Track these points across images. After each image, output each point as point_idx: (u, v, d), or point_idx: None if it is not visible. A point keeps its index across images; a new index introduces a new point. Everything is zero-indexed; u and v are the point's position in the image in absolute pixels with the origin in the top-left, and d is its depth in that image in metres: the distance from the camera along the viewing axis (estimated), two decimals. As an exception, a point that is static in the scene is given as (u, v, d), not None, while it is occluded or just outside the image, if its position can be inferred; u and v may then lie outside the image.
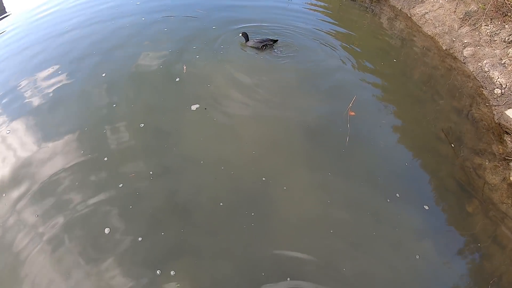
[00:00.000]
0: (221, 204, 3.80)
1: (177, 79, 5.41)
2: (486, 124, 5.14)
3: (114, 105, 4.97)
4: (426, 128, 4.94)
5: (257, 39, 6.24)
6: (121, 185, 3.95)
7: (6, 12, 8.60)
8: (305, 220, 3.71)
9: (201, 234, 3.56)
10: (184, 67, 5.64)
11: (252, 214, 3.70)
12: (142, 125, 4.68)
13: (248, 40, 6.25)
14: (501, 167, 4.50)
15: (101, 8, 7.71)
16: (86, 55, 6.06)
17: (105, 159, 4.24)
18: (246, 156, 4.31)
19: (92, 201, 3.82)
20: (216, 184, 3.99)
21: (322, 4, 8.59)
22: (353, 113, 4.92)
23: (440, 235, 3.67)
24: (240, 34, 6.21)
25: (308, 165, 4.24)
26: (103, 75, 5.52)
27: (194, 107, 4.88)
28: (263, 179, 4.00)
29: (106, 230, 3.57)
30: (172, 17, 7.26)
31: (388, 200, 3.87)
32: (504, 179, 4.36)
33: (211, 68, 5.69)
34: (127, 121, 4.72)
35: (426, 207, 3.88)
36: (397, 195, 3.95)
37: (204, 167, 4.16)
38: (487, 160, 4.56)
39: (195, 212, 3.73)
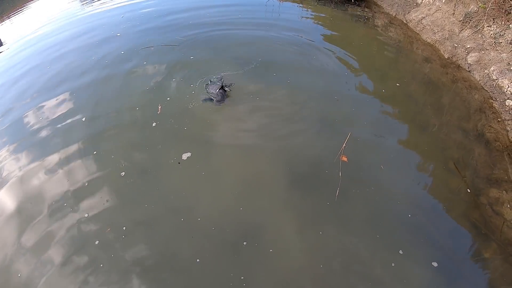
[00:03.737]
0: (197, 260, 3.56)
1: (154, 124, 5.16)
2: (500, 144, 4.72)
3: (95, 152, 4.81)
4: (433, 160, 4.52)
5: (217, 91, 5.42)
6: (97, 242, 3.80)
7: (2, 44, 8.93)
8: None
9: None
10: (159, 108, 5.42)
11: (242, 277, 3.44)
12: (123, 173, 4.50)
13: (212, 97, 5.45)
14: (521, 197, 4.11)
15: (82, 45, 7.66)
16: (66, 96, 5.97)
17: (86, 215, 4.09)
18: (229, 212, 4.02)
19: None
20: (193, 242, 3.75)
21: (312, 18, 8.25)
22: (345, 159, 4.48)
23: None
24: (203, 101, 5.46)
25: (296, 223, 3.88)
26: (83, 119, 5.37)
27: (185, 156, 4.65)
28: (244, 243, 3.69)
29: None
30: (152, 48, 7.10)
31: (392, 264, 3.50)
32: (525, 211, 3.98)
33: (186, 108, 5.42)
34: (108, 171, 4.58)
35: (435, 264, 3.49)
36: (400, 251, 3.59)
37: (184, 224, 3.93)
38: (504, 191, 4.16)
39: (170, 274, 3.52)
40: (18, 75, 6.83)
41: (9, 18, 11.07)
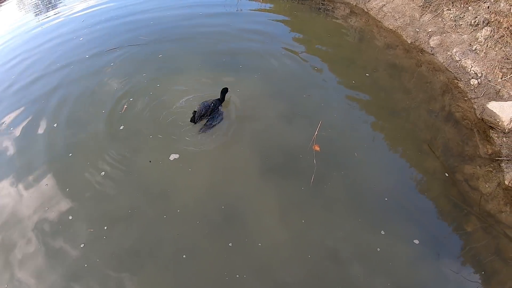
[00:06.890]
0: (184, 256, 3.42)
1: (121, 127, 4.89)
2: (469, 122, 4.81)
3: (70, 154, 4.57)
4: (407, 144, 4.51)
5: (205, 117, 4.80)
6: (82, 245, 3.59)
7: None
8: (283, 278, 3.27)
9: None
10: (125, 107, 5.20)
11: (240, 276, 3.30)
12: (103, 173, 4.29)
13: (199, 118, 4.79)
14: (494, 171, 4.17)
15: (45, 48, 7.24)
16: (34, 105, 5.58)
17: (70, 217, 3.85)
18: (212, 206, 3.87)
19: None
20: (178, 238, 3.61)
21: (271, 10, 8.14)
22: (317, 148, 4.39)
23: (437, 269, 3.30)
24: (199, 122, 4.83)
25: (279, 214, 3.78)
26: (54, 125, 5.05)
27: (172, 157, 4.40)
28: (230, 244, 3.53)
29: None
30: (117, 49, 6.77)
31: (378, 249, 3.43)
32: (498, 184, 4.03)
33: (152, 109, 5.19)
34: (87, 172, 4.35)
35: (416, 241, 3.47)
36: (382, 232, 3.55)
37: (168, 221, 3.78)
38: (478, 167, 4.22)
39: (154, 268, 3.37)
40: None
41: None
